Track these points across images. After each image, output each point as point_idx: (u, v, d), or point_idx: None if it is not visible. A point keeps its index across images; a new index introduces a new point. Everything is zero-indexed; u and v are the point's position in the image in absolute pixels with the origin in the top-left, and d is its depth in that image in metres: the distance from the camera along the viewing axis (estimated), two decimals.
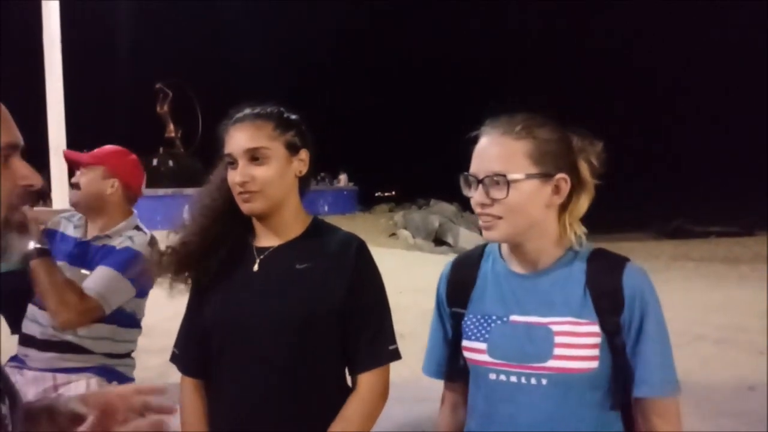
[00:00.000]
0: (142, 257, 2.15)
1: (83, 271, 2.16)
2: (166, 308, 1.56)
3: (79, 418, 1.02)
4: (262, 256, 1.52)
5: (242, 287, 1.50)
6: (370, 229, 18.86)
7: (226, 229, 1.54)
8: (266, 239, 1.54)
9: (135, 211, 2.37)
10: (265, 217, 1.52)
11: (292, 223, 1.54)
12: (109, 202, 2.25)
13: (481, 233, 1.39)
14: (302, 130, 1.54)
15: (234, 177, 1.46)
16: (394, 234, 19.95)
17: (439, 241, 19.48)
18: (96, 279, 2.08)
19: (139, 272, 2.10)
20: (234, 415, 1.48)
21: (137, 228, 2.29)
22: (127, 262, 2.12)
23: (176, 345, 1.61)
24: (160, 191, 18.26)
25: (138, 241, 2.21)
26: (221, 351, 1.49)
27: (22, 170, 0.89)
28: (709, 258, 15.57)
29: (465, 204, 1.40)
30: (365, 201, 30.55)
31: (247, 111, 1.51)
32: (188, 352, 1.58)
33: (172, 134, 25.25)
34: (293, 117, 1.54)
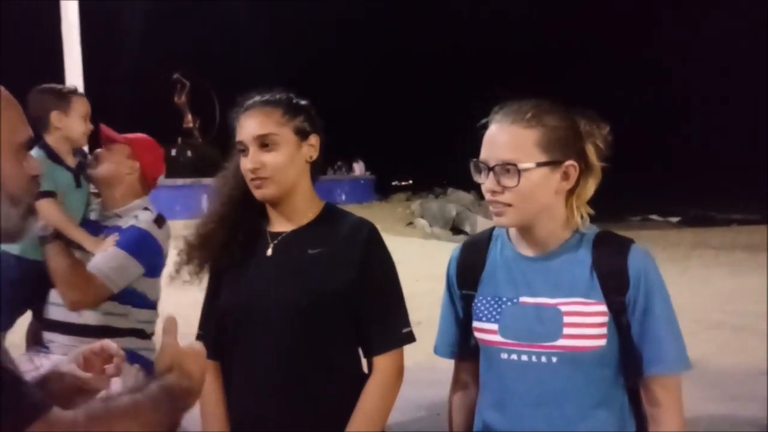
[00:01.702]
0: (147, 235, 2.21)
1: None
2: (184, 296, 1.60)
3: (71, 380, 1.13)
4: (275, 241, 1.55)
5: (256, 272, 1.54)
6: (387, 218, 18.90)
7: (242, 216, 1.57)
8: (280, 224, 1.57)
9: (147, 195, 2.43)
10: (278, 203, 1.55)
11: (305, 209, 1.57)
12: (124, 181, 2.32)
13: None
14: (311, 116, 1.56)
15: (245, 164, 1.49)
16: (411, 223, 19.97)
17: (456, 229, 19.48)
18: (102, 259, 2.14)
19: (145, 250, 2.19)
20: (247, 398, 1.52)
21: (146, 208, 2.35)
22: (132, 241, 2.19)
23: (200, 327, 1.66)
24: (179, 181, 18.41)
25: (143, 218, 2.27)
26: (236, 334, 1.54)
27: (32, 162, 0.98)
28: (730, 246, 15.41)
29: (482, 193, 1.43)
30: (382, 190, 30.55)
31: (256, 98, 1.54)
32: (207, 334, 1.62)
33: (190, 124, 25.42)
34: (302, 103, 1.56)
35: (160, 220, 2.31)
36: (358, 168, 28.73)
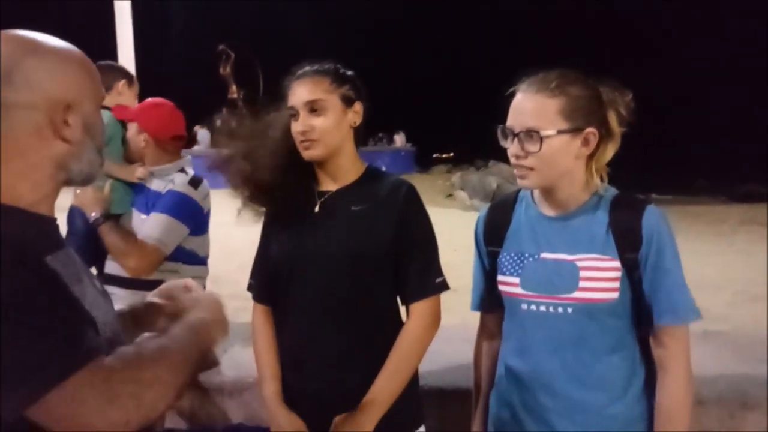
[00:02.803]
0: (184, 197, 2.41)
1: (141, 216, 2.47)
2: (231, 261, 1.75)
3: (156, 308, 1.31)
4: (322, 199, 1.71)
5: (305, 227, 1.69)
6: (428, 190, 18.90)
7: (289, 174, 1.70)
8: (326, 184, 1.72)
9: (184, 156, 2.59)
10: (324, 163, 1.69)
11: (349, 170, 1.72)
12: (145, 153, 2.52)
13: None
14: (357, 85, 1.70)
15: (296, 127, 1.64)
16: (451, 195, 19.98)
17: None
18: (150, 226, 2.36)
19: (185, 211, 2.40)
20: (296, 340, 1.69)
21: (182, 171, 2.51)
22: (174, 205, 2.38)
23: (251, 276, 1.83)
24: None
25: (178, 181, 2.45)
26: (287, 282, 1.70)
27: (103, 116, 1.13)
28: None
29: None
30: (423, 162, 30.50)
31: (307, 68, 1.68)
32: (259, 282, 1.80)
33: (235, 95, 25.79)
34: (348, 72, 1.70)
35: (195, 181, 2.47)
36: (399, 140, 28.70)
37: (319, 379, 1.65)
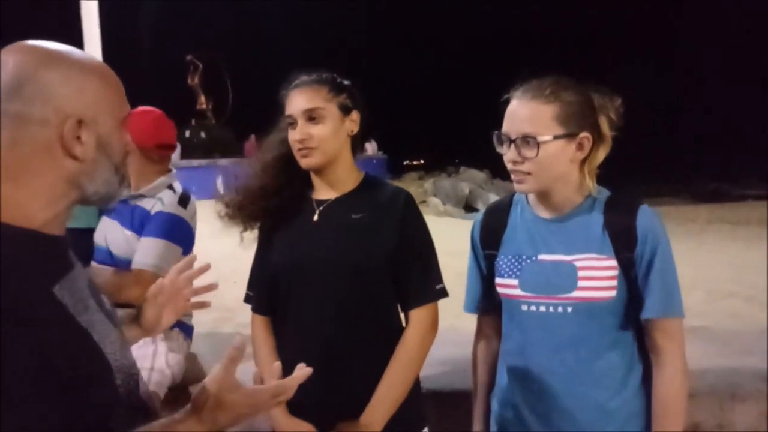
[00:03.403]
0: (175, 218, 2.33)
1: (126, 231, 2.34)
2: (210, 272, 1.70)
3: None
4: (321, 208, 1.71)
5: (304, 235, 1.69)
6: None
7: (284, 182, 1.72)
8: (324, 192, 1.73)
9: (172, 170, 2.50)
10: (322, 171, 1.70)
11: (347, 178, 1.73)
12: (130, 161, 2.34)
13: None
14: (354, 94, 1.71)
15: (294, 135, 1.65)
16: (424, 201, 20.08)
17: (469, 207, 19.58)
18: (145, 252, 2.27)
19: (177, 232, 2.32)
20: (297, 348, 1.68)
21: (170, 187, 2.42)
22: (166, 226, 2.30)
23: (249, 287, 1.83)
24: (194, 162, 18.61)
25: (167, 201, 2.36)
26: (287, 291, 1.69)
27: (127, 136, 1.08)
28: (746, 221, 15.43)
29: (495, 171, 1.56)
30: (394, 169, 30.67)
31: (305, 77, 1.69)
32: (258, 293, 1.79)
33: (204, 106, 25.58)
34: (345, 82, 1.72)
35: (184, 200, 2.39)
36: (371, 148, 28.73)
37: (320, 386, 1.64)
